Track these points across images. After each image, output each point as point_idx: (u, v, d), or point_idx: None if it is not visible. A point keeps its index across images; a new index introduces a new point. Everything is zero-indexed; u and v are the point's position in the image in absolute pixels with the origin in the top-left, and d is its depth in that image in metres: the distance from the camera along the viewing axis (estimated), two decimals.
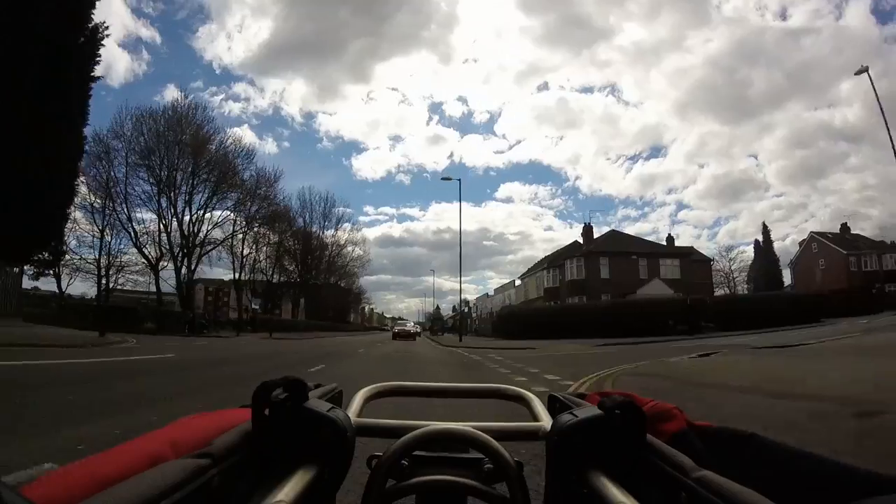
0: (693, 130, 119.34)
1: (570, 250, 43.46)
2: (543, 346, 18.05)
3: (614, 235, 42.91)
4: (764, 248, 60.42)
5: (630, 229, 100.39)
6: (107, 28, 23.31)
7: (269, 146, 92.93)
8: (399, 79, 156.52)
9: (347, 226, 60.77)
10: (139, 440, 0.38)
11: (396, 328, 39.18)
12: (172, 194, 38.47)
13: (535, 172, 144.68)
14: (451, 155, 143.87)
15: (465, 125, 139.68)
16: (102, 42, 23.18)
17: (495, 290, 70.42)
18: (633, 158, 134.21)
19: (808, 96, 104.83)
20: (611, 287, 34.77)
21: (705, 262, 44.77)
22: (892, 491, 0.33)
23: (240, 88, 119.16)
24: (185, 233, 39.51)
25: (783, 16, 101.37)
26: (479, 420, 0.53)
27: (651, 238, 46.72)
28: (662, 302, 27.79)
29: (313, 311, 56.35)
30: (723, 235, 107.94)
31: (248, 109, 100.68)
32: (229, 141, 42.43)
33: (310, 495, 0.40)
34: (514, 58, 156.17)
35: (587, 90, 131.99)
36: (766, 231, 62.35)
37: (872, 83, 19.69)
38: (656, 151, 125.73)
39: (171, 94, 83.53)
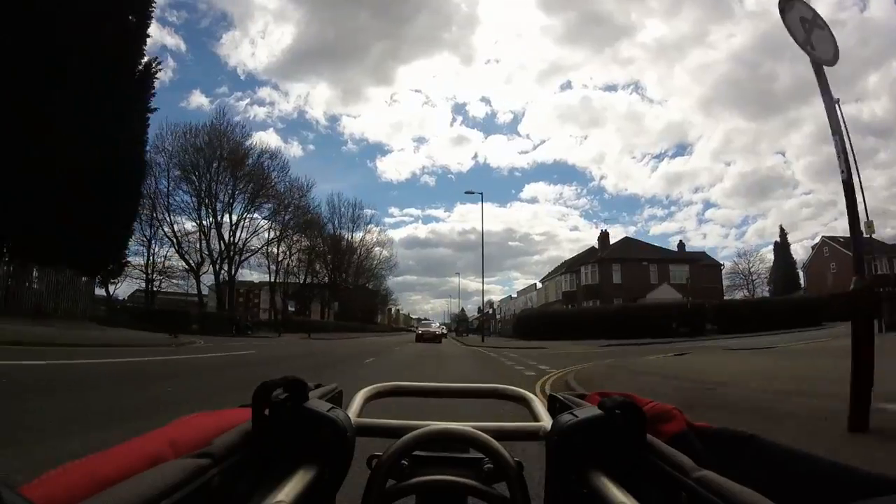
0: (718, 127, 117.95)
1: (586, 256, 45.83)
2: (554, 346, 20.40)
3: (628, 242, 45.07)
4: (781, 250, 61.31)
5: (657, 229, 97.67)
6: (159, 64, 26.59)
7: (294, 149, 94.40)
8: (421, 81, 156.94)
9: (375, 229, 63.26)
10: (139, 440, 0.38)
11: (420, 329, 36.46)
12: (212, 205, 42.02)
13: (559, 172, 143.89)
14: (476, 156, 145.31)
15: (488, 125, 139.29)
16: (156, 76, 26.48)
17: (518, 292, 73.07)
18: (659, 157, 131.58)
19: (834, 90, 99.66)
20: (622, 292, 37.05)
21: (715, 266, 46.46)
22: (891, 491, 0.34)
23: (264, 93, 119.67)
24: (226, 241, 43.05)
25: None
26: (479, 420, 0.54)
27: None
28: (667, 306, 29.79)
29: (342, 313, 59.27)
30: (751, 234, 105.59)
31: (273, 113, 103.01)
32: (266, 155, 45.71)
33: (310, 495, 0.40)
34: (535, 57, 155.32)
35: (610, 88, 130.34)
36: (783, 234, 63.08)
37: (842, 114, 21.23)
38: (682, 149, 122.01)
39: (197, 99, 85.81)
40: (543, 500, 0.49)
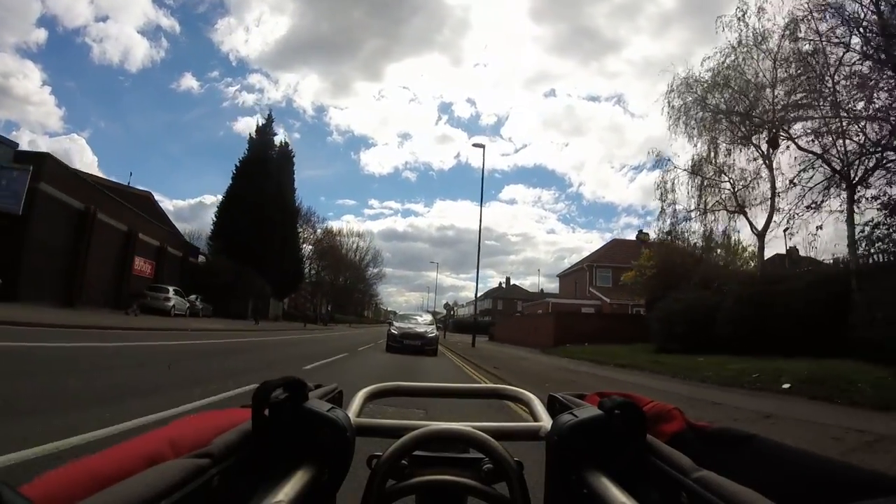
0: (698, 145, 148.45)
1: (493, 292, 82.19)
2: (458, 336, 55.47)
3: (515, 288, 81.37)
4: None
5: (633, 237, 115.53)
6: (301, 208, 60.52)
7: (279, 136, 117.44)
8: (410, 78, 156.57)
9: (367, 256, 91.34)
10: (138, 440, 0.38)
11: (395, 325, 19.27)
12: None
13: (539, 176, 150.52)
14: (458, 155, 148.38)
15: (472, 127, 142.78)
16: (296, 220, 59.16)
17: (468, 302, 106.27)
18: (638, 168, 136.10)
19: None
20: (502, 316, 72.91)
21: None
22: (891, 491, 0.33)
23: (254, 80, 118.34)
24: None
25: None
26: (479, 420, 0.54)
27: None
28: None
29: (343, 308, 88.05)
30: None
31: (261, 101, 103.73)
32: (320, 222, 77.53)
33: (310, 495, 0.40)
34: (523, 64, 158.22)
35: (594, 99, 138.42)
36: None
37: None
38: (661, 163, 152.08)
39: (188, 82, 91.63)
40: (543, 500, 0.50)
